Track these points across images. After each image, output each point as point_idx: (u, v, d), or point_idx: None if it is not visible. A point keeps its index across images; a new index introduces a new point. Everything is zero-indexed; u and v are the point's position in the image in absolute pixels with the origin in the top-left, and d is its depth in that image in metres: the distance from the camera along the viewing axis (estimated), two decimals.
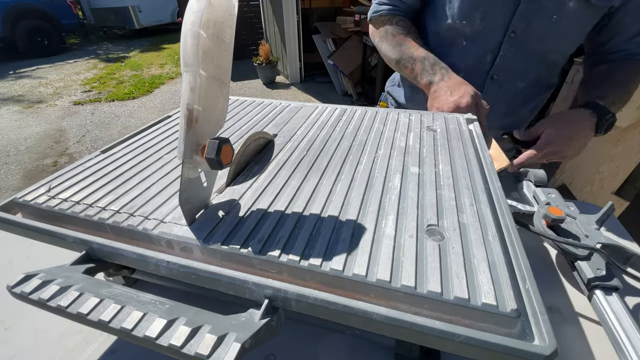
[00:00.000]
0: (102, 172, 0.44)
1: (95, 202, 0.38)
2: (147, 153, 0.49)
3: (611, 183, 1.71)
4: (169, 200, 0.38)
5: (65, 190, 0.40)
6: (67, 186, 0.41)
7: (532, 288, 0.28)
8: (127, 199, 0.38)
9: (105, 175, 0.43)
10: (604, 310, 0.42)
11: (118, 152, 0.49)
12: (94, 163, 0.46)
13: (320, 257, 0.29)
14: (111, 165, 0.45)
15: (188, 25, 0.30)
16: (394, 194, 0.38)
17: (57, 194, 0.39)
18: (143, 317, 0.26)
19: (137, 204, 0.37)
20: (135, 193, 0.39)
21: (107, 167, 0.45)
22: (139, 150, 0.50)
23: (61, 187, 0.41)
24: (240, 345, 0.23)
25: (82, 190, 0.40)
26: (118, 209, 0.36)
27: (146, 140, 0.52)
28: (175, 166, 0.45)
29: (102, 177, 0.43)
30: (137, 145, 0.51)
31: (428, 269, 0.28)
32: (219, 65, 0.31)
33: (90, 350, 0.42)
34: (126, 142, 0.52)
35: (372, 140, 0.50)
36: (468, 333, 0.24)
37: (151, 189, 0.40)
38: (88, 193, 0.39)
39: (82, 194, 0.39)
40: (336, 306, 0.26)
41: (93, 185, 0.41)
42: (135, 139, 0.53)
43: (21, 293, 0.29)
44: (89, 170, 0.44)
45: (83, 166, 0.45)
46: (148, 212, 0.36)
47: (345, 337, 0.42)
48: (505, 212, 0.36)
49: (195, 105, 0.30)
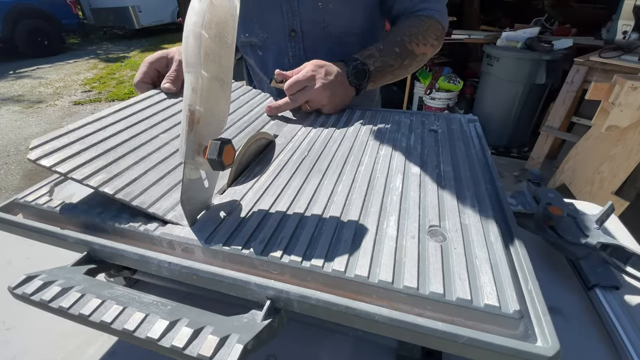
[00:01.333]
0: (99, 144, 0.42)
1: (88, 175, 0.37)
2: (140, 126, 0.47)
3: (611, 183, 1.71)
4: (168, 193, 0.38)
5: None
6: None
7: (534, 289, 0.28)
8: (123, 180, 0.37)
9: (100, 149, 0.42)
10: (604, 310, 0.42)
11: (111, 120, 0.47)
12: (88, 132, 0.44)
13: (322, 258, 0.29)
14: (105, 135, 0.44)
15: (190, 26, 0.30)
16: (396, 194, 0.38)
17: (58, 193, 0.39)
18: (145, 319, 0.26)
19: (134, 191, 0.37)
20: (131, 175, 0.39)
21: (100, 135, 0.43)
22: (132, 121, 0.48)
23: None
24: (243, 346, 0.23)
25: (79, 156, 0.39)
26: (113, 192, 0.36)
27: (140, 116, 0.50)
28: (173, 150, 0.45)
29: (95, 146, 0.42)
30: (131, 121, 0.48)
31: (430, 270, 0.28)
32: (221, 66, 0.31)
33: (91, 352, 0.42)
34: (119, 112, 0.49)
35: (373, 141, 0.50)
36: (471, 334, 0.24)
37: (149, 174, 0.40)
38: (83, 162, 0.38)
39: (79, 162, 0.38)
40: (338, 307, 0.26)
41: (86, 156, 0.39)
42: (128, 112, 0.50)
43: (23, 294, 0.29)
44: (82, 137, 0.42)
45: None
46: (147, 203, 0.36)
47: (346, 338, 0.42)
48: (507, 213, 0.36)
49: (197, 106, 0.30)
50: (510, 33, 2.54)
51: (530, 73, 2.41)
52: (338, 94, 0.61)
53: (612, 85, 1.58)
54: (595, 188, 1.78)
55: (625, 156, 1.64)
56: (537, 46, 2.34)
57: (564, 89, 2.14)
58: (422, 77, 3.01)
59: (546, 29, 2.83)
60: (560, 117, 2.19)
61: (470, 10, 3.49)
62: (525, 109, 2.59)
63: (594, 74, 2.00)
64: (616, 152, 1.69)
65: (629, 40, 2.00)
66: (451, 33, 2.88)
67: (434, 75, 2.96)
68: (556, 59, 2.36)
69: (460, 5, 3.63)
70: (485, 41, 2.70)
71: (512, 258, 0.31)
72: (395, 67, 0.69)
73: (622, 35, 2.03)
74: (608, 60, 1.92)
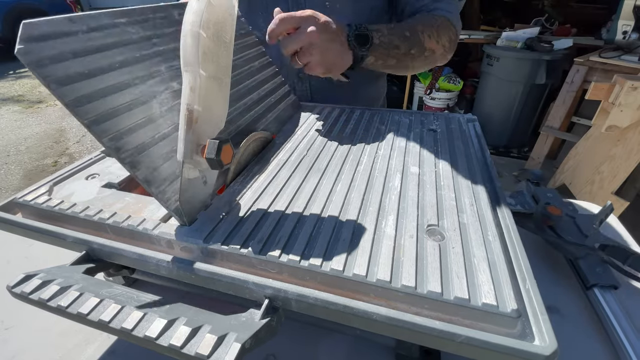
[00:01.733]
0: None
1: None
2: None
3: (611, 183, 1.71)
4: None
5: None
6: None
7: (532, 288, 0.28)
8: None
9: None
10: (603, 309, 0.42)
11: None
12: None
13: (320, 257, 0.29)
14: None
15: (188, 26, 0.30)
16: (394, 194, 0.38)
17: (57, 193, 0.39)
18: (143, 317, 0.26)
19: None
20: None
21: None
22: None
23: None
24: (241, 345, 0.23)
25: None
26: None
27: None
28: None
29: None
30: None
31: (428, 269, 0.28)
32: (219, 65, 0.31)
33: (90, 351, 0.42)
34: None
35: (372, 140, 0.50)
36: (468, 333, 0.24)
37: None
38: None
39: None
40: (336, 306, 0.26)
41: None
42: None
43: (21, 293, 0.29)
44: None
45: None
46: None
47: (345, 337, 0.42)
48: (506, 212, 0.36)
49: (195, 106, 0.30)
50: (510, 33, 2.54)
51: (530, 73, 2.41)
52: (333, 50, 0.55)
53: (612, 85, 1.58)
54: (595, 188, 1.78)
55: (625, 156, 1.64)
56: (537, 46, 2.34)
57: (564, 89, 2.14)
58: (422, 77, 3.01)
59: (546, 29, 2.83)
60: (560, 117, 2.19)
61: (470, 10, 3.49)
62: (525, 109, 2.59)
63: (594, 74, 2.00)
64: (616, 152, 1.69)
65: (629, 40, 1.99)
66: None
67: (434, 75, 2.96)
68: (556, 59, 2.36)
69: None
70: (485, 41, 2.70)
71: (510, 257, 0.31)
72: (401, 51, 0.63)
73: (622, 35, 2.02)
74: (608, 60, 1.92)
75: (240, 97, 0.50)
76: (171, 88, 0.39)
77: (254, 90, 0.54)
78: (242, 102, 0.50)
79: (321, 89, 0.80)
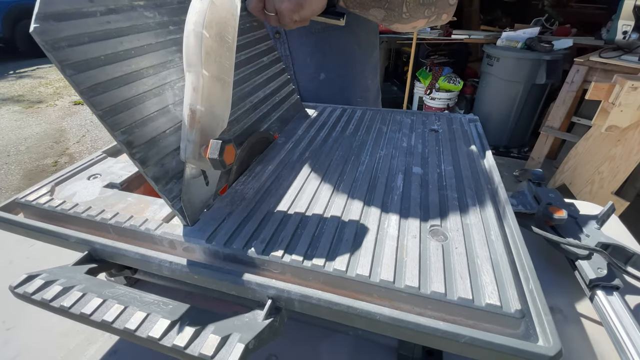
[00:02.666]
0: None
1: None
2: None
3: (611, 183, 1.71)
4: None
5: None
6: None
7: (535, 288, 0.28)
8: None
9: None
10: (605, 310, 0.42)
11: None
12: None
13: (323, 257, 0.29)
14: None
15: (191, 26, 0.30)
16: (397, 194, 0.38)
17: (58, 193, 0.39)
18: (146, 318, 0.26)
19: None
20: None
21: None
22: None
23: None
24: (244, 345, 0.23)
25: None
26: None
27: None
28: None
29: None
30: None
31: (431, 270, 0.28)
32: (222, 65, 0.31)
33: (92, 351, 0.42)
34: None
35: (373, 140, 0.50)
36: (472, 334, 0.24)
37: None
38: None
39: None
40: (339, 307, 0.26)
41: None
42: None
43: (24, 293, 0.29)
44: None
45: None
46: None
47: (347, 337, 0.42)
48: (508, 213, 0.36)
49: (197, 106, 0.30)
50: (510, 33, 2.54)
51: (530, 73, 2.41)
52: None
53: (612, 85, 1.58)
54: (595, 188, 1.78)
55: (625, 156, 1.64)
56: (537, 46, 2.34)
57: (564, 89, 2.14)
58: (422, 77, 3.01)
59: (546, 29, 2.84)
60: (560, 117, 2.19)
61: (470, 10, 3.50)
62: (525, 109, 2.59)
63: (594, 74, 2.00)
64: (616, 152, 1.69)
65: (629, 40, 1.99)
66: (451, 33, 2.88)
67: (434, 75, 2.96)
68: (556, 59, 2.36)
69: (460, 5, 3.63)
70: (485, 41, 2.70)
71: (513, 257, 0.31)
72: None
73: (622, 35, 2.02)
74: (608, 60, 1.92)
75: (247, 95, 0.50)
76: (184, 79, 0.36)
77: (260, 88, 0.54)
78: (249, 100, 0.50)
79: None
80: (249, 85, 0.51)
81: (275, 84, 0.58)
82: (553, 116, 2.23)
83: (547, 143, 2.29)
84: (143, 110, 0.32)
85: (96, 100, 0.29)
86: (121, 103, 0.30)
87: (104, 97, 0.29)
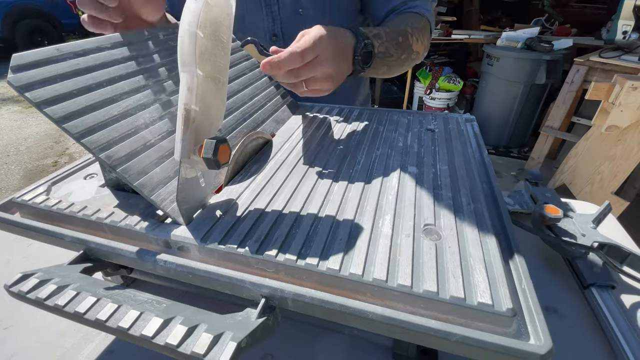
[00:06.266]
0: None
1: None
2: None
3: (611, 183, 1.71)
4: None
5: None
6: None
7: (528, 287, 0.28)
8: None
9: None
10: (600, 309, 0.42)
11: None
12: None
13: (317, 256, 0.29)
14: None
15: (185, 25, 0.30)
16: (392, 193, 0.38)
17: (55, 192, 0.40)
18: (139, 316, 0.26)
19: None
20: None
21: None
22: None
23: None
24: (236, 344, 0.23)
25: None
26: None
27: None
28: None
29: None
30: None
31: (424, 269, 0.28)
32: (217, 65, 0.31)
33: (88, 350, 0.42)
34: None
35: (370, 140, 0.51)
36: (464, 332, 0.24)
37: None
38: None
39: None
40: (333, 305, 0.27)
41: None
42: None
43: (19, 292, 0.29)
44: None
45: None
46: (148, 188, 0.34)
47: (342, 336, 0.42)
48: (503, 212, 0.36)
49: (192, 106, 0.30)
50: (510, 33, 2.54)
51: (530, 73, 2.41)
52: (342, 69, 0.51)
53: (612, 85, 1.58)
54: (595, 188, 1.78)
55: (625, 156, 1.64)
56: (537, 46, 2.34)
57: (564, 89, 2.14)
58: (422, 77, 3.01)
59: (546, 29, 2.84)
60: (560, 117, 2.19)
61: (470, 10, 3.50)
62: (525, 109, 2.59)
63: (594, 74, 2.00)
64: (616, 152, 1.69)
65: (629, 40, 1.99)
66: (451, 33, 2.88)
67: (434, 75, 2.96)
68: (556, 59, 2.36)
69: (460, 5, 3.63)
70: (485, 41, 2.70)
71: (507, 257, 0.31)
72: (394, 59, 0.61)
73: (622, 35, 2.02)
74: (608, 60, 1.92)
75: (241, 95, 0.50)
76: (159, 100, 0.41)
77: (256, 88, 0.54)
78: (242, 101, 0.50)
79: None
80: (244, 85, 0.51)
81: (272, 83, 0.58)
82: (553, 116, 2.23)
83: (547, 143, 2.29)
84: (119, 129, 0.36)
85: (70, 126, 0.32)
86: (95, 125, 0.34)
87: (77, 122, 0.33)
